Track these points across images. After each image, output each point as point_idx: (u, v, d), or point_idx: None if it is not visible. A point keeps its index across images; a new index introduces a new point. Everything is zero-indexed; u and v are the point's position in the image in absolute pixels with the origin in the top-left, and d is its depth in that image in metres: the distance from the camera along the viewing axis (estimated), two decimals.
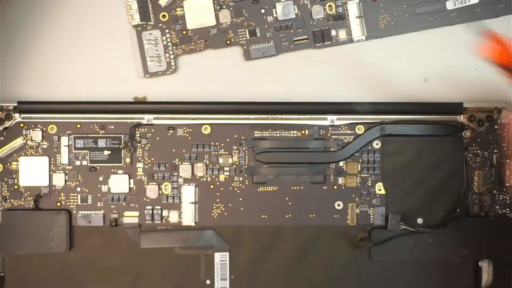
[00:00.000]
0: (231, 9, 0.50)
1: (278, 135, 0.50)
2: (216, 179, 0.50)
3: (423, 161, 0.50)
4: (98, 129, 0.50)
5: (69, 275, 0.50)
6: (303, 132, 0.50)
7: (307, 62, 0.51)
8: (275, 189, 0.50)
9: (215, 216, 0.50)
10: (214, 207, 0.50)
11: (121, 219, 0.50)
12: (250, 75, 0.51)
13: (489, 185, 0.50)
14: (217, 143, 0.50)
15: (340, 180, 0.50)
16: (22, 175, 0.49)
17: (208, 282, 0.51)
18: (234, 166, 0.50)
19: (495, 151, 0.50)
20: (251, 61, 0.51)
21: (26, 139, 0.49)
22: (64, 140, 0.50)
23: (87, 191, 0.50)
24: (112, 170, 0.50)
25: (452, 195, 0.49)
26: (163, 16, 0.50)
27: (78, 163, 0.50)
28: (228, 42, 0.50)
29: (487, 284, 0.50)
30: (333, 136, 0.50)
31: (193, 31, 0.50)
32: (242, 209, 0.50)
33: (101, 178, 0.50)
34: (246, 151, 0.50)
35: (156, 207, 0.50)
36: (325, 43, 0.51)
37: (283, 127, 0.50)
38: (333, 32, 0.50)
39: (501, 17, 0.50)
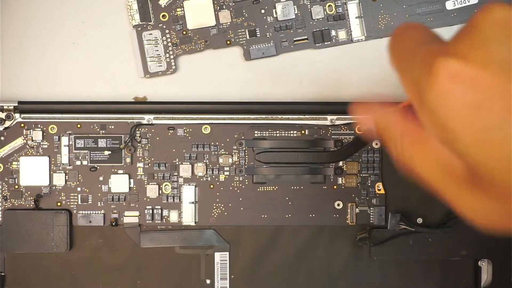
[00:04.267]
0: (231, 9, 0.50)
1: (278, 135, 0.50)
2: (216, 179, 0.50)
3: None
4: (98, 129, 0.50)
5: (69, 275, 0.50)
6: (303, 132, 0.50)
7: (307, 62, 0.51)
8: (275, 189, 0.50)
9: (215, 216, 0.50)
10: (214, 207, 0.50)
11: (121, 218, 0.50)
12: (250, 75, 0.51)
13: None
14: (217, 143, 0.50)
15: (340, 180, 0.50)
16: (22, 175, 0.49)
17: (208, 281, 0.51)
18: (234, 166, 0.50)
19: None
20: (251, 61, 0.51)
21: (26, 139, 0.49)
22: (65, 140, 0.50)
23: (87, 191, 0.50)
24: (112, 170, 0.50)
25: None
26: (163, 16, 0.50)
27: (78, 163, 0.50)
28: (228, 42, 0.51)
29: (487, 284, 0.50)
30: (333, 136, 0.50)
31: (193, 31, 0.50)
32: (242, 209, 0.50)
33: (101, 178, 0.50)
34: (246, 151, 0.50)
35: (156, 207, 0.50)
36: (325, 43, 0.51)
37: (283, 127, 0.50)
38: (333, 32, 0.51)
39: None
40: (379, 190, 0.50)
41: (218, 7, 0.50)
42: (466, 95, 0.19)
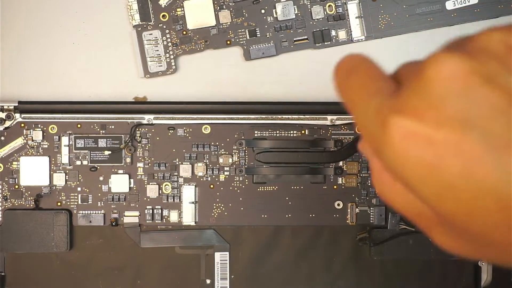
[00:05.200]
0: (231, 9, 0.50)
1: (278, 135, 0.50)
2: (216, 179, 0.50)
3: None
4: (98, 129, 0.50)
5: (69, 275, 0.50)
6: (303, 132, 0.50)
7: (307, 62, 0.51)
8: (275, 189, 0.50)
9: (215, 216, 0.50)
10: (214, 207, 0.50)
11: (122, 218, 0.50)
12: (250, 75, 0.51)
13: None
14: (217, 143, 0.50)
15: (340, 180, 0.50)
16: (22, 175, 0.49)
17: (208, 281, 0.51)
18: (234, 166, 0.50)
19: None
20: (251, 61, 0.51)
21: (26, 139, 0.49)
22: (65, 140, 0.50)
23: (87, 190, 0.50)
24: (113, 170, 0.50)
25: None
26: (163, 16, 0.50)
27: (78, 163, 0.50)
28: (228, 42, 0.51)
29: (487, 284, 0.50)
30: (333, 136, 0.50)
31: (193, 31, 0.50)
32: (242, 209, 0.50)
33: (101, 178, 0.50)
34: (246, 151, 0.50)
35: (156, 206, 0.50)
36: (325, 43, 0.51)
37: (283, 127, 0.50)
38: (333, 32, 0.51)
39: (500, 17, 0.50)
40: None
41: (218, 7, 0.50)
42: (422, 154, 0.19)
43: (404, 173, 0.20)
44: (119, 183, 0.50)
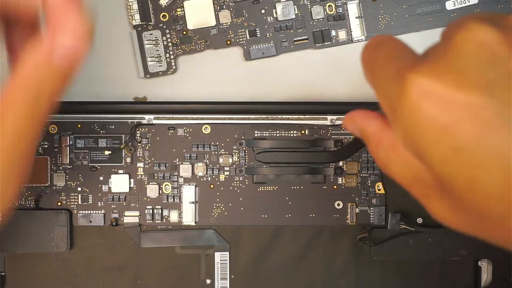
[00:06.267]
0: (231, 9, 0.50)
1: (278, 135, 0.50)
2: (216, 179, 0.50)
3: None
4: (98, 129, 0.50)
5: (69, 275, 0.50)
6: (303, 132, 0.50)
7: (307, 62, 0.51)
8: (275, 189, 0.50)
9: (215, 216, 0.50)
10: (214, 207, 0.50)
11: (122, 218, 0.50)
12: (250, 75, 0.51)
13: None
14: (217, 143, 0.50)
15: (340, 180, 0.50)
16: None
17: (208, 281, 0.51)
18: (234, 166, 0.50)
19: None
20: (251, 61, 0.51)
21: None
22: (65, 140, 0.50)
23: (87, 190, 0.50)
24: (113, 169, 0.50)
25: None
26: (164, 16, 0.50)
27: (78, 163, 0.50)
28: (228, 42, 0.51)
29: (487, 284, 0.50)
30: (333, 136, 0.50)
31: (193, 31, 0.50)
32: (242, 208, 0.50)
33: (101, 178, 0.50)
34: (246, 151, 0.50)
35: (156, 206, 0.50)
36: (325, 43, 0.51)
37: (283, 127, 0.50)
38: (333, 32, 0.51)
39: None
40: (379, 190, 0.50)
41: (218, 7, 0.50)
42: (437, 113, 0.19)
43: (415, 132, 0.20)
44: (119, 183, 0.50)
